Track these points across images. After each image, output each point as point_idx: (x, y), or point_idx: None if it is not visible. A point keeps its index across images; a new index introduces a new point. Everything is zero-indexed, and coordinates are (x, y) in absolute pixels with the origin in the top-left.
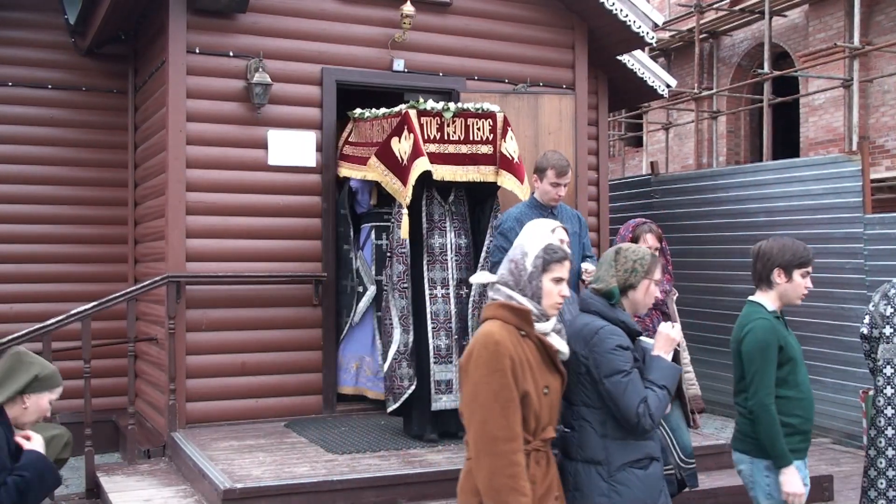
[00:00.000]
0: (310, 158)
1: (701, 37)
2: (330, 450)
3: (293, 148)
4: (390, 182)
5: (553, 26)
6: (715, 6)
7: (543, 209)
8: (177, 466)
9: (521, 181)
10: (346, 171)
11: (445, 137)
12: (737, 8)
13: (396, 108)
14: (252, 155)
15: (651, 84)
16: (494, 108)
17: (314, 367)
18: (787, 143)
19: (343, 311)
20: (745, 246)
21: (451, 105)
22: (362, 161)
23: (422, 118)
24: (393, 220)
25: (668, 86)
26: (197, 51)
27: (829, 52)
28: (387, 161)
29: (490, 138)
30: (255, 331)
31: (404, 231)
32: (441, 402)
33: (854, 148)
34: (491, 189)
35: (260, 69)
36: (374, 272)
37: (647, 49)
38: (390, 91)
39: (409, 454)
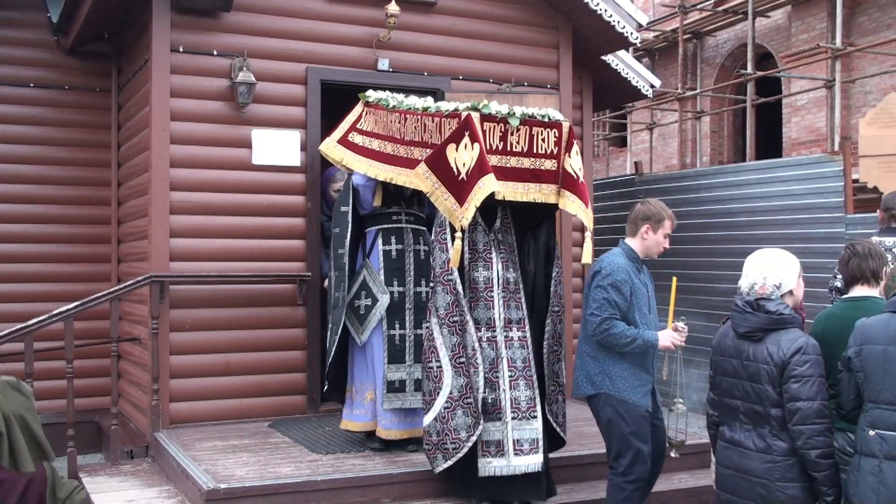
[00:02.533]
0: (294, 158)
1: (685, 37)
2: (314, 450)
3: (278, 147)
4: (441, 198)
5: (538, 26)
6: (699, 7)
7: (636, 260)
8: (160, 467)
9: (587, 205)
10: (352, 163)
11: (508, 148)
12: (720, 9)
13: (449, 106)
14: (236, 154)
15: (635, 84)
16: (559, 115)
17: (298, 367)
18: (771, 144)
19: (333, 327)
20: (728, 245)
21: (517, 109)
22: (377, 156)
23: (485, 124)
24: (434, 241)
25: (652, 86)
26: (181, 49)
27: (812, 52)
28: (440, 172)
29: (554, 152)
30: (239, 330)
31: (455, 258)
32: (491, 467)
33: (836, 148)
34: (544, 212)
35: (244, 68)
36: (383, 282)
37: (631, 49)
38: (375, 90)
39: (393, 454)
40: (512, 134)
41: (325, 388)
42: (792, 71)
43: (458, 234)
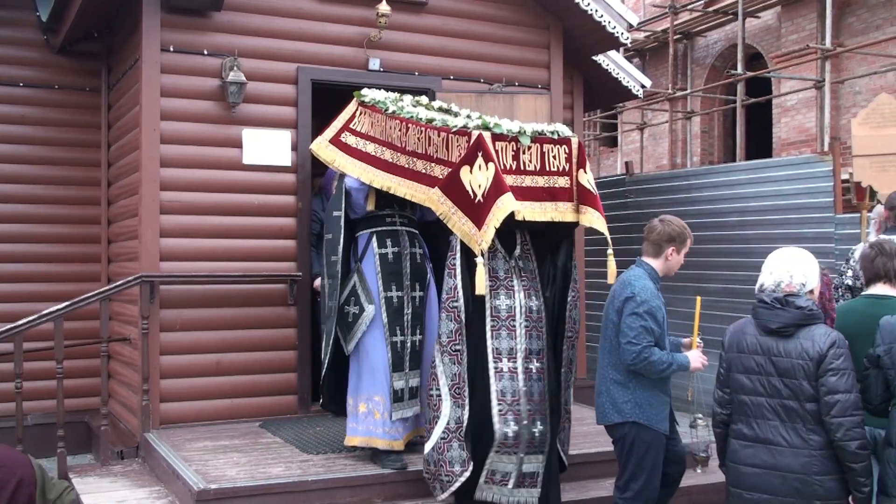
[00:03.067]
0: (285, 158)
1: (675, 38)
2: (305, 450)
3: (268, 147)
4: (458, 222)
5: (529, 26)
6: (689, 7)
7: (657, 281)
8: (150, 467)
9: (603, 217)
10: (345, 165)
11: (522, 167)
12: (711, 9)
13: (456, 121)
14: (227, 154)
15: (626, 84)
16: (568, 131)
17: (289, 367)
18: (761, 144)
19: (326, 338)
20: (719, 245)
21: (528, 127)
22: (373, 161)
23: (496, 143)
24: (448, 269)
25: (642, 86)
26: (171, 49)
27: (802, 53)
28: (455, 196)
29: (566, 168)
30: (230, 330)
31: (480, 285)
32: (491, 493)
33: (825, 148)
34: (562, 234)
35: (235, 68)
36: (381, 287)
37: (621, 49)
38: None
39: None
40: (524, 152)
41: (321, 401)
42: (782, 71)
43: (480, 260)
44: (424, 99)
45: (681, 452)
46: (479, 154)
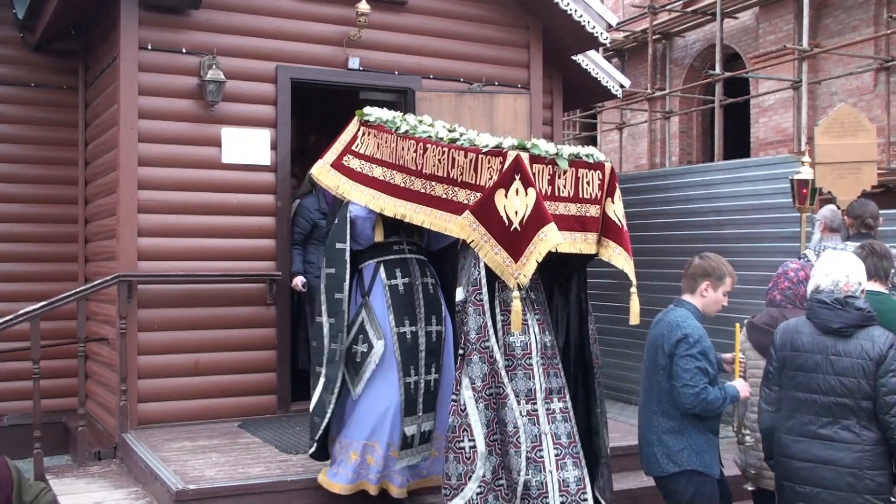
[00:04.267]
0: (264, 157)
1: (654, 38)
2: (284, 450)
3: (247, 146)
4: (490, 252)
5: (508, 26)
6: (668, 8)
7: (700, 320)
8: (128, 468)
9: (630, 256)
10: (350, 192)
11: (556, 193)
12: (689, 10)
13: (488, 141)
14: (205, 153)
15: (605, 84)
16: (602, 155)
17: (268, 367)
18: (739, 144)
19: (329, 384)
20: (698, 245)
21: (564, 149)
22: (382, 186)
23: (533, 165)
24: (474, 305)
25: (621, 86)
26: (149, 47)
27: (779, 53)
28: (489, 222)
29: (598, 196)
30: (209, 330)
31: (516, 323)
32: None
33: (803, 148)
34: (575, 265)
35: (213, 66)
36: (392, 322)
37: (601, 49)
38: (346, 89)
39: None
40: (559, 177)
41: (313, 450)
42: (759, 72)
43: (516, 294)
44: (427, 118)
45: (727, 488)
46: (517, 177)
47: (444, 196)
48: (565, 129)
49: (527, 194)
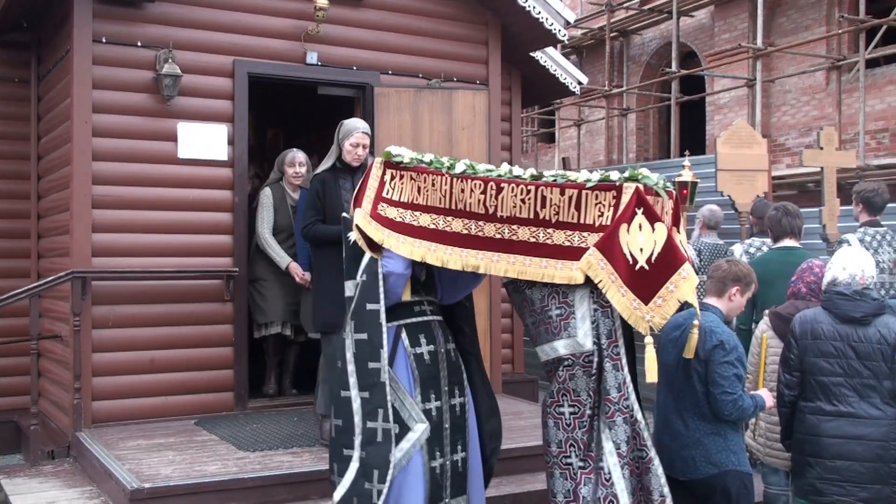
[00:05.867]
0: (221, 152)
1: (611, 35)
2: (241, 447)
3: (204, 141)
4: (617, 293)
5: (467, 22)
6: (625, 5)
7: (727, 325)
8: (82, 467)
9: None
10: (396, 245)
11: None
12: (646, 7)
13: (590, 178)
14: (161, 148)
15: (563, 81)
16: (669, 184)
17: (225, 364)
18: (694, 141)
19: (378, 472)
20: None
21: (662, 178)
22: (436, 236)
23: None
24: (612, 361)
25: (579, 83)
26: (103, 40)
27: (734, 52)
28: (615, 261)
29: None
30: (165, 327)
31: (652, 373)
32: None
33: None
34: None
35: (170, 60)
36: (419, 397)
37: (559, 46)
38: (304, 84)
39: (322, 450)
40: (664, 209)
41: None
42: (715, 70)
43: (649, 339)
44: (466, 160)
45: None
46: (639, 211)
47: (532, 240)
48: (524, 125)
49: (653, 230)
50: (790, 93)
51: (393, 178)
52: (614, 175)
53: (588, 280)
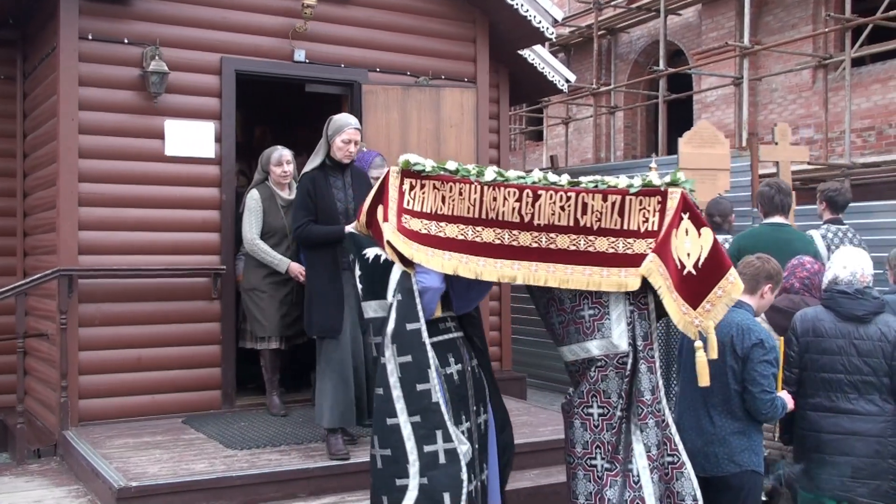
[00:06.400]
0: (208, 149)
1: (599, 33)
2: (229, 445)
3: (191, 138)
4: (669, 297)
5: (455, 20)
6: (613, 4)
7: None
8: (69, 466)
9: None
10: (427, 259)
11: None
12: (634, 6)
13: (632, 183)
14: (148, 145)
15: (551, 79)
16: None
17: (213, 362)
18: None
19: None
20: None
21: (692, 182)
22: (462, 247)
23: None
24: (647, 363)
25: (567, 81)
26: (90, 37)
27: (721, 50)
28: (668, 265)
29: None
30: (152, 325)
31: (703, 377)
32: None
33: (744, 144)
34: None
35: (156, 57)
36: (450, 420)
37: (547, 44)
38: (292, 81)
39: (310, 448)
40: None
41: None
42: (702, 68)
43: (699, 344)
44: (494, 167)
45: None
46: (685, 216)
47: (573, 248)
48: (512, 122)
49: (699, 234)
50: (777, 91)
51: (413, 187)
52: (655, 180)
53: None
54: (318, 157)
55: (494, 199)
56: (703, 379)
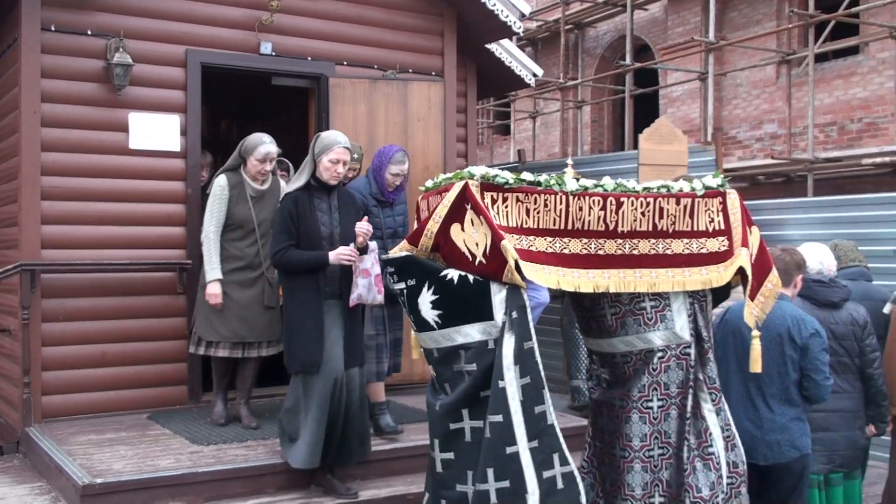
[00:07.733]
0: (173, 142)
1: (566, 28)
2: (195, 441)
3: (156, 131)
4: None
5: (422, 13)
6: None
7: None
8: (32, 463)
9: None
10: (532, 274)
11: None
12: (601, 0)
13: (694, 186)
14: (112, 138)
15: (518, 73)
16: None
17: (178, 357)
18: None
19: None
20: None
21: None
22: (556, 259)
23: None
24: (707, 359)
25: (534, 75)
26: (52, 28)
27: (687, 45)
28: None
29: None
30: (116, 320)
31: (756, 363)
32: None
33: (709, 139)
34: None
35: (121, 49)
36: None
37: (514, 38)
38: (258, 74)
39: (276, 444)
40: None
41: None
42: (668, 63)
43: (756, 333)
44: (570, 170)
45: None
46: (743, 213)
47: (653, 252)
48: (479, 116)
49: (750, 233)
50: (741, 86)
51: (495, 201)
52: (710, 182)
53: None
54: (303, 177)
55: (580, 208)
56: (757, 365)
